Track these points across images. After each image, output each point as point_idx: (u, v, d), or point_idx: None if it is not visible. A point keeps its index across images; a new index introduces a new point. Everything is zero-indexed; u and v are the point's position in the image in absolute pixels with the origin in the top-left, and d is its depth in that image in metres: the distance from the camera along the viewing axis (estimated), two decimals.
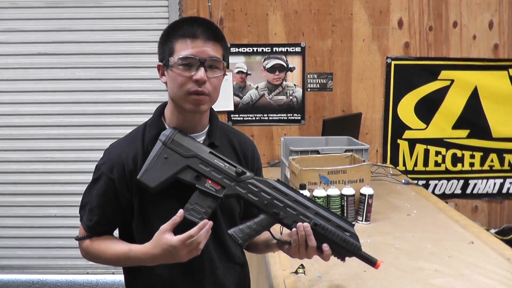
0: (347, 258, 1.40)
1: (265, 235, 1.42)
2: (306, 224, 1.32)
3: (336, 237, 1.35)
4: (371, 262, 1.40)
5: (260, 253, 1.61)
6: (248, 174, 1.35)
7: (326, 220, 1.36)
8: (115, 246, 1.37)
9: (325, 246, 1.34)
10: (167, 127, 1.39)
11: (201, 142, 1.40)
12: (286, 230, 1.40)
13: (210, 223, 1.27)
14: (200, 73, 1.28)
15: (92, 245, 1.41)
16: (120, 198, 1.37)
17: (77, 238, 1.45)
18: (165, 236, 1.24)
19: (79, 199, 1.50)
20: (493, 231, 3.57)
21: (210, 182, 1.32)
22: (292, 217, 1.34)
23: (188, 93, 1.30)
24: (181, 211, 1.26)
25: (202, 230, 1.24)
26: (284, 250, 1.40)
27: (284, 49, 3.61)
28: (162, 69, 1.37)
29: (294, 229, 1.32)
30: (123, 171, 1.36)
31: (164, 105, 1.44)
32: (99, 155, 1.46)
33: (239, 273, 1.53)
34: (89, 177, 1.48)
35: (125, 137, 1.45)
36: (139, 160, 1.36)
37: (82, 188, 1.50)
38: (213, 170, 1.33)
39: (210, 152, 1.35)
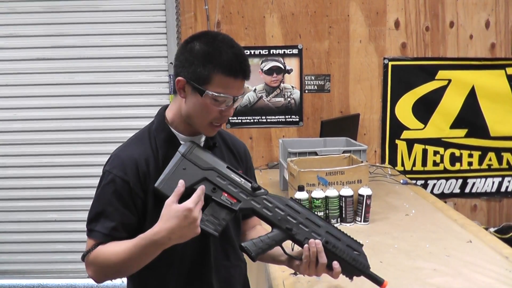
0: (354, 277, 1.42)
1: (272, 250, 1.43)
2: (318, 241, 1.35)
3: (346, 255, 1.38)
4: (378, 282, 1.42)
5: (264, 262, 1.63)
6: (262, 190, 1.38)
7: (336, 239, 1.39)
8: (124, 242, 1.30)
9: (335, 264, 1.36)
10: (173, 130, 1.41)
11: (201, 143, 1.44)
12: (296, 248, 1.42)
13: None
14: (232, 111, 1.35)
15: (101, 250, 1.32)
16: (135, 200, 1.34)
17: (84, 254, 1.34)
18: (175, 206, 1.22)
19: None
20: (492, 229, 3.58)
21: (226, 195, 1.34)
22: (304, 234, 1.37)
23: (211, 123, 1.35)
24: (181, 181, 1.25)
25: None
26: (293, 266, 1.42)
27: (281, 51, 3.63)
28: (184, 85, 1.34)
29: (306, 245, 1.35)
30: (137, 172, 1.34)
31: (164, 108, 1.46)
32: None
33: (243, 270, 1.57)
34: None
35: (131, 141, 1.43)
36: (150, 163, 1.36)
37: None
38: (229, 184, 1.35)
39: (228, 167, 1.37)
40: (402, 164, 3.76)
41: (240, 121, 3.68)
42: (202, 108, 1.32)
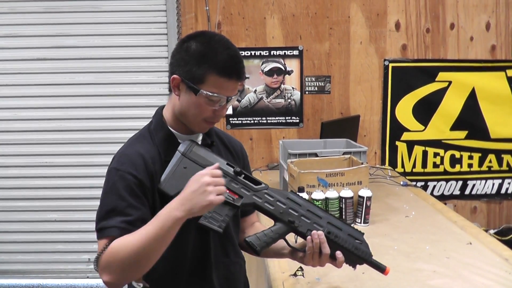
0: (357, 266, 1.44)
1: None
2: (320, 232, 1.37)
3: (348, 244, 1.40)
4: (381, 268, 1.45)
5: (266, 257, 1.64)
6: (263, 184, 1.40)
7: (338, 229, 1.40)
8: (140, 229, 1.24)
9: (339, 253, 1.38)
10: (170, 129, 1.42)
11: (199, 141, 1.45)
12: (299, 240, 1.44)
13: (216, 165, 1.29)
14: (225, 111, 1.38)
15: (116, 243, 1.23)
16: (147, 196, 1.33)
17: (97, 257, 1.24)
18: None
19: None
20: (492, 231, 3.58)
21: (228, 191, 1.35)
22: (306, 226, 1.39)
23: (204, 120, 1.37)
24: (216, 165, 1.28)
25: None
26: (297, 258, 1.44)
27: (282, 53, 3.63)
28: (179, 84, 1.36)
29: (309, 237, 1.37)
30: (146, 169, 1.33)
31: (162, 108, 1.47)
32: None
33: (243, 268, 1.58)
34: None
35: (134, 140, 1.43)
36: (156, 162, 1.37)
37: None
38: (230, 180, 1.36)
39: (228, 164, 1.38)
40: (402, 166, 3.76)
41: (240, 122, 3.68)
42: (196, 107, 1.34)
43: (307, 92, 3.68)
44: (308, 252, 1.37)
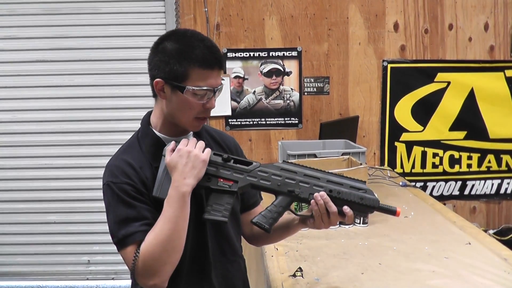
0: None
1: (282, 219, 1.44)
2: (322, 192, 1.35)
3: (353, 197, 1.37)
4: (392, 211, 1.43)
5: (277, 240, 1.64)
6: (255, 163, 1.39)
7: (339, 185, 1.39)
8: (157, 222, 1.29)
9: (346, 208, 1.36)
10: (158, 134, 1.42)
11: None
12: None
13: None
14: (213, 102, 1.36)
15: (144, 245, 1.27)
16: (147, 199, 1.34)
17: (133, 268, 1.28)
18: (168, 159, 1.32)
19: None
20: (491, 231, 3.58)
21: (221, 180, 1.36)
22: (307, 191, 1.38)
23: (195, 118, 1.37)
24: (173, 142, 1.34)
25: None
26: (308, 225, 1.43)
27: (280, 54, 3.63)
28: (163, 86, 1.35)
29: (312, 200, 1.36)
30: (137, 175, 1.35)
31: (149, 114, 1.47)
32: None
33: (242, 266, 1.58)
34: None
35: (123, 151, 1.44)
36: (146, 170, 1.37)
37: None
38: (221, 169, 1.37)
39: (214, 153, 1.38)
40: (401, 166, 3.76)
41: (239, 123, 3.68)
42: (185, 105, 1.34)
43: (306, 93, 3.69)
44: (315, 215, 1.36)
